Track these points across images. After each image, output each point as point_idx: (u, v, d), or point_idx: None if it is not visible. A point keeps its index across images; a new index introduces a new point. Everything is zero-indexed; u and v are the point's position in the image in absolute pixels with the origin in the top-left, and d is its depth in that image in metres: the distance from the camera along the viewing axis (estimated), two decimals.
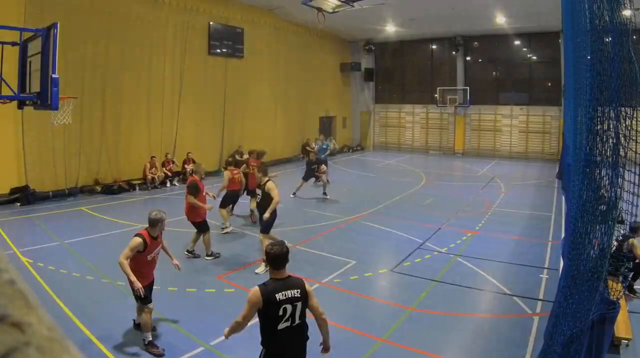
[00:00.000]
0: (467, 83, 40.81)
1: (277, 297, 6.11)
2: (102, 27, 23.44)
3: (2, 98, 9.87)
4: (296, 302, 6.24)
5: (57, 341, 0.61)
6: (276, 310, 6.10)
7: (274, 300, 6.08)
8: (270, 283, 6.29)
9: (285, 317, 6.16)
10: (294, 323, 6.25)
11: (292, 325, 6.24)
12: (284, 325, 6.17)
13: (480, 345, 9.00)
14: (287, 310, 6.16)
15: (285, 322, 6.18)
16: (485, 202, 21.77)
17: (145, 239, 8.66)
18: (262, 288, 6.16)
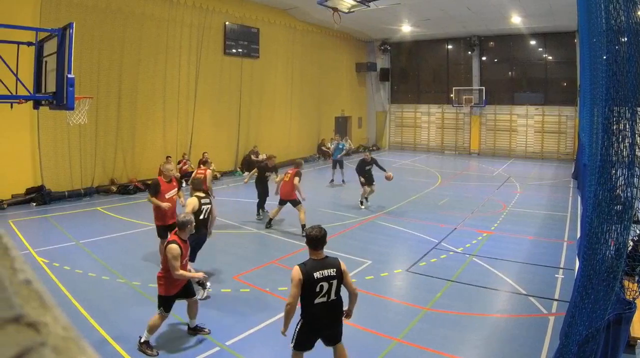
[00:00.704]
0: (482, 83, 40.74)
1: (315, 275, 6.88)
2: (118, 27, 23.54)
3: (18, 98, 9.92)
4: (332, 280, 6.98)
5: (73, 341, 0.61)
6: (313, 287, 6.85)
7: (312, 278, 6.84)
8: (309, 262, 7.08)
9: (321, 293, 6.91)
10: (329, 299, 6.99)
11: (328, 301, 6.99)
12: (320, 300, 6.91)
13: (496, 345, 8.98)
14: (324, 287, 6.92)
15: (321, 298, 6.92)
16: (501, 202, 21.73)
17: (179, 244, 8.64)
18: (302, 267, 6.97)
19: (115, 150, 24.00)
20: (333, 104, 41.35)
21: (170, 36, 26.38)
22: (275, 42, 33.54)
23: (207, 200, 11.71)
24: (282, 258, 13.83)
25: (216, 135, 29.30)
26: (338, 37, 40.17)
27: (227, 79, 30.03)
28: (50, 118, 20.67)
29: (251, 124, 32.02)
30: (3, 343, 0.55)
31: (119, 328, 9.39)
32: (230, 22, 29.90)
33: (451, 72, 43.12)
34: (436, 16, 33.10)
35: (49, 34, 9.89)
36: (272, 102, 33.74)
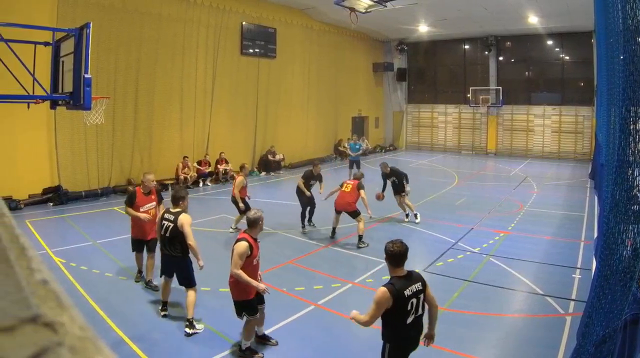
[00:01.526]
0: (499, 83, 40.63)
1: (406, 293, 6.33)
2: (135, 27, 23.62)
3: (35, 98, 9.95)
4: (419, 294, 6.51)
5: (90, 341, 0.62)
6: (405, 306, 6.30)
7: (403, 297, 6.29)
8: (396, 281, 6.48)
9: (412, 311, 6.38)
10: (417, 314, 6.50)
11: (417, 317, 6.49)
12: (411, 318, 6.39)
13: (513, 345, 9.00)
14: (414, 304, 6.40)
15: (412, 315, 6.40)
16: (518, 202, 21.69)
17: (249, 242, 8.39)
18: (391, 288, 6.31)
19: (132, 150, 24.05)
20: (350, 104, 41.28)
21: (187, 36, 26.42)
22: (292, 42, 33.56)
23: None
24: (298, 258, 13.87)
25: (233, 135, 29.35)
26: (355, 37, 40.10)
27: (244, 79, 30.04)
28: (67, 118, 20.72)
29: (268, 123, 32.05)
30: (20, 343, 0.56)
31: (136, 328, 9.43)
32: (247, 22, 29.92)
33: (468, 72, 43.01)
34: (453, 16, 33.04)
35: (65, 34, 9.93)
36: (289, 102, 33.75)
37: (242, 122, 30.13)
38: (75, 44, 9.03)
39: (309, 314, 10.16)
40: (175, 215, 9.58)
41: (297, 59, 34.47)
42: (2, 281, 0.66)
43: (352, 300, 11.05)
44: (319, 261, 13.66)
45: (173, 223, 9.51)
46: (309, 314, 10.17)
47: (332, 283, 11.86)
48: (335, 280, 12.06)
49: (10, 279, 0.67)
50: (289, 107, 33.87)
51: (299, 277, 12.22)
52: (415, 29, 38.58)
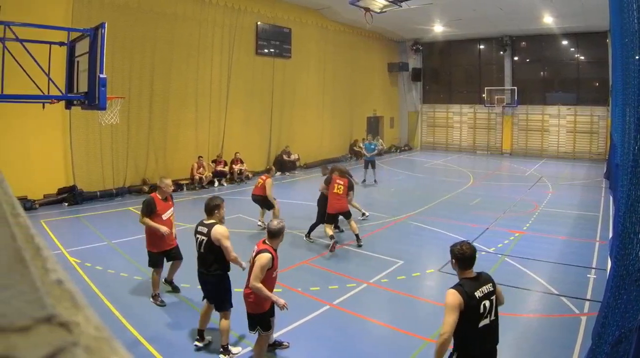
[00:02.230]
0: (514, 83, 40.54)
1: (477, 294, 6.02)
2: (150, 27, 23.66)
3: (50, 98, 10.02)
4: (491, 296, 6.18)
5: (105, 341, 0.61)
6: (477, 308, 5.98)
7: (474, 298, 5.99)
8: (465, 282, 6.18)
9: (484, 313, 6.04)
10: (491, 318, 6.15)
11: (490, 322, 6.14)
12: (484, 322, 6.05)
13: (528, 345, 8.99)
14: (487, 306, 6.06)
15: (485, 319, 6.05)
16: (533, 202, 21.64)
17: (272, 254, 7.84)
18: (460, 289, 6.04)
19: (147, 150, 24.09)
20: (365, 104, 41.25)
21: (202, 36, 26.46)
22: (307, 42, 33.57)
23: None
24: (313, 258, 13.89)
25: (248, 135, 29.38)
26: (370, 37, 40.07)
27: (259, 79, 30.07)
28: (82, 118, 20.77)
29: (283, 124, 32.08)
30: (35, 343, 0.56)
31: (152, 328, 9.46)
32: (262, 22, 29.95)
33: (483, 72, 42.95)
34: (468, 16, 32.98)
35: (80, 34, 10.02)
36: (304, 102, 33.76)
37: (257, 122, 30.17)
38: (90, 44, 9.09)
39: (324, 314, 10.15)
40: (209, 227, 8.57)
41: (312, 59, 34.48)
42: (17, 281, 0.67)
43: (367, 300, 11.08)
44: (334, 261, 13.68)
45: (207, 236, 8.52)
46: (324, 314, 10.17)
47: (347, 283, 11.86)
48: (350, 280, 12.06)
49: (26, 279, 0.68)
50: (304, 107, 33.89)
51: (314, 277, 12.24)
52: (431, 29, 38.56)
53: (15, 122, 18.62)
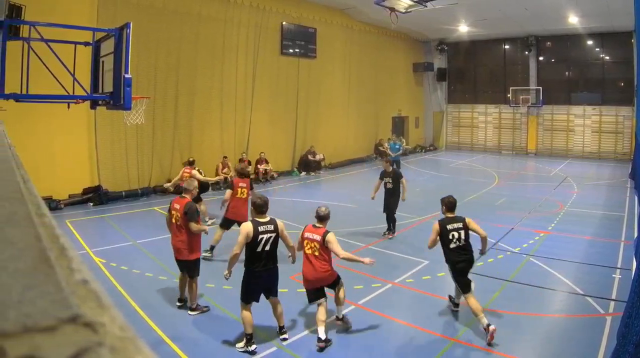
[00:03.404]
0: (539, 83, 40.42)
1: (448, 227, 10.00)
2: (175, 27, 23.73)
3: (75, 98, 10.09)
4: (460, 230, 10.01)
5: (130, 341, 0.62)
6: (447, 235, 9.92)
7: (446, 229, 9.98)
8: (445, 219, 10.29)
9: (453, 240, 9.89)
10: (460, 244, 9.94)
11: (459, 245, 9.91)
12: (453, 245, 9.88)
13: (553, 345, 9.00)
14: (455, 236, 9.91)
15: (453, 244, 9.90)
16: (558, 202, 21.59)
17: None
18: (440, 222, 10.14)
19: (172, 150, 24.14)
20: (390, 104, 41.18)
21: (227, 36, 26.53)
22: (332, 42, 33.56)
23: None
24: (338, 258, 13.84)
25: (273, 135, 29.41)
26: (395, 37, 40.00)
27: (284, 78, 30.12)
28: (107, 118, 20.84)
29: (308, 123, 32.09)
30: (60, 343, 0.56)
31: (176, 328, 9.50)
32: (287, 22, 30.01)
33: (508, 72, 42.83)
34: (493, 16, 32.90)
35: (106, 34, 10.06)
36: (329, 102, 33.74)
37: (282, 122, 30.18)
38: (115, 44, 9.12)
39: (349, 314, 10.12)
40: (274, 224, 8.91)
41: (337, 59, 34.46)
42: (42, 281, 0.69)
43: (392, 300, 11.11)
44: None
45: (275, 232, 8.84)
46: (349, 314, 10.14)
47: (373, 283, 11.87)
48: (376, 280, 12.06)
49: (51, 279, 0.70)
50: (329, 107, 33.85)
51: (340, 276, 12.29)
52: (456, 29, 38.49)
53: (40, 122, 18.67)
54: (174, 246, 10.42)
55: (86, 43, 10.75)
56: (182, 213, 10.18)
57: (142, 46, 21.70)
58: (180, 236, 10.27)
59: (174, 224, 10.29)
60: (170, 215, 10.51)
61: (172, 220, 10.42)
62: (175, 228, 10.29)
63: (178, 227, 10.22)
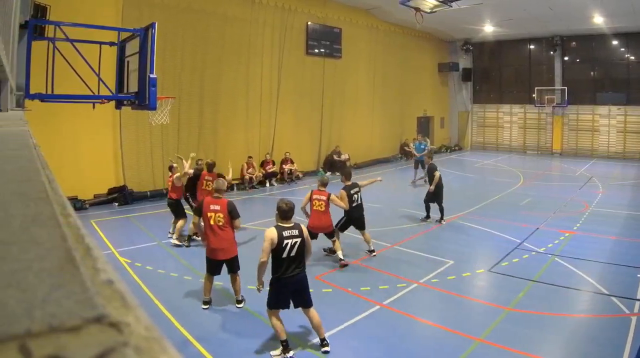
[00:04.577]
0: (564, 83, 40.24)
1: (351, 192, 12.93)
2: (200, 27, 23.84)
3: (100, 98, 10.07)
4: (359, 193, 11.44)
5: (155, 341, 0.61)
6: (351, 197, 12.18)
7: (350, 193, 11.61)
8: (347, 186, 13.42)
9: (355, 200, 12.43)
10: (358, 203, 12.92)
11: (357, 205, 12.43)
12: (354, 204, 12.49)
13: (578, 345, 8.99)
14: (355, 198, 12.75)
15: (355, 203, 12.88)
16: (583, 202, 21.49)
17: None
18: (346, 188, 13.03)
19: (197, 150, 23.52)
20: (415, 104, 41.19)
21: (253, 36, 26.61)
22: (357, 42, 33.55)
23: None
24: (364, 258, 13.90)
25: (298, 135, 29.49)
26: (420, 37, 39.93)
27: (309, 79, 30.18)
28: (132, 118, 20.94)
29: (333, 123, 32.13)
30: (86, 343, 0.56)
31: (202, 328, 9.52)
32: (312, 22, 30.09)
33: (533, 72, 42.66)
34: (518, 16, 32.83)
35: (131, 34, 10.05)
36: (354, 102, 33.75)
37: (307, 122, 30.25)
38: (141, 44, 9.11)
39: (374, 314, 10.16)
40: (298, 228, 8.71)
41: (362, 59, 34.43)
42: (67, 281, 0.70)
43: (417, 300, 11.11)
44: (385, 261, 13.66)
45: (301, 237, 8.64)
46: (375, 314, 10.17)
47: (398, 283, 11.86)
48: (401, 280, 12.06)
49: (76, 279, 0.70)
50: (355, 107, 33.86)
51: (364, 277, 12.25)
52: (481, 29, 38.44)
53: (65, 122, 18.79)
54: (218, 248, 10.33)
55: (111, 43, 10.78)
56: (227, 212, 10.26)
57: (168, 46, 21.85)
58: (226, 235, 10.37)
59: (214, 226, 10.24)
60: (207, 218, 10.30)
61: (210, 222, 10.26)
62: (217, 229, 10.24)
63: (220, 227, 10.23)
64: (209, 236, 10.42)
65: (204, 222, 10.44)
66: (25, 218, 0.99)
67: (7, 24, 5.96)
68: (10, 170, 1.60)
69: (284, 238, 8.47)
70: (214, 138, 25.10)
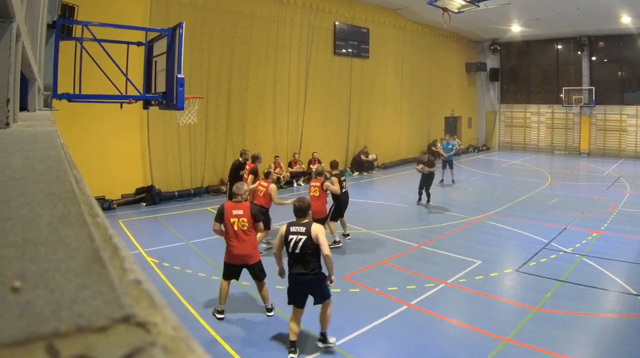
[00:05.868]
0: (592, 83, 40.06)
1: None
2: (228, 27, 23.90)
3: (128, 98, 10.13)
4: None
5: (183, 341, 0.62)
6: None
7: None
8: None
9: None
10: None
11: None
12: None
13: (605, 345, 8.95)
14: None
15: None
16: (611, 202, 21.40)
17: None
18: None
19: (225, 150, 24.25)
20: (443, 104, 41.10)
21: (280, 36, 26.69)
22: (385, 42, 33.56)
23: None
24: (391, 258, 13.89)
25: (326, 135, 29.52)
26: (448, 37, 39.96)
27: (337, 78, 30.24)
28: (160, 118, 21.08)
29: (361, 123, 32.12)
30: (113, 343, 0.58)
31: (229, 328, 9.55)
32: (340, 22, 30.13)
33: (561, 72, 42.47)
34: (546, 16, 32.73)
35: (158, 34, 10.10)
36: (381, 102, 33.74)
37: (334, 122, 30.25)
38: (168, 44, 9.16)
39: (401, 314, 10.16)
40: (306, 226, 8.66)
41: (390, 58, 34.43)
42: (95, 281, 0.71)
43: (445, 300, 11.12)
44: (412, 261, 13.68)
45: (306, 235, 8.56)
46: (402, 314, 10.18)
47: (425, 283, 11.85)
48: (428, 280, 12.06)
49: (104, 279, 0.72)
50: (382, 106, 33.85)
51: (392, 277, 12.26)
52: (508, 29, 38.37)
53: (93, 122, 18.90)
54: (241, 254, 10.05)
55: (139, 43, 10.80)
56: (250, 216, 10.04)
57: (195, 46, 21.99)
58: (250, 240, 10.14)
59: (238, 231, 10.02)
60: (230, 223, 10.01)
61: (234, 228, 9.99)
62: (241, 234, 10.00)
63: (244, 232, 10.03)
64: (232, 242, 10.06)
65: (226, 228, 10.08)
66: (53, 219, 1.02)
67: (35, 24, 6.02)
68: (39, 170, 1.64)
69: (289, 234, 8.64)
70: (242, 138, 25.12)
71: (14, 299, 0.66)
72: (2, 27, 3.12)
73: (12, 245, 0.86)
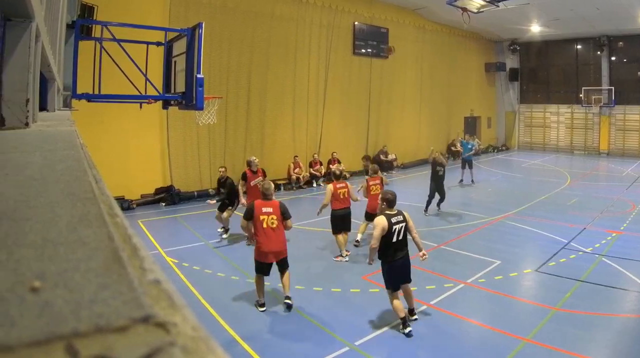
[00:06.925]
0: (611, 83, 39.87)
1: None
2: (247, 27, 23.93)
3: (148, 98, 10.20)
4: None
5: (202, 341, 0.62)
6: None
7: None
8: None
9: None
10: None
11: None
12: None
13: (625, 345, 8.94)
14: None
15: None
16: (630, 202, 21.33)
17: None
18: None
19: (244, 150, 24.21)
20: (462, 104, 41.07)
21: (300, 36, 26.76)
22: (404, 42, 33.48)
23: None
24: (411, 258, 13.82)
25: (345, 135, 29.53)
26: (467, 37, 39.89)
27: (356, 78, 30.23)
28: (179, 118, 21.16)
29: (380, 123, 32.13)
30: (133, 344, 0.58)
31: (248, 328, 9.53)
32: (359, 22, 30.12)
33: (580, 72, 42.27)
34: (565, 16, 32.63)
35: (178, 34, 10.17)
36: (401, 102, 33.75)
37: (354, 122, 30.29)
38: (188, 44, 9.21)
39: (421, 314, 10.16)
40: (403, 215, 9.75)
41: (409, 58, 34.41)
42: (115, 281, 0.72)
43: (464, 300, 11.11)
44: (431, 261, 13.48)
45: (405, 221, 9.71)
46: (421, 314, 10.18)
47: (445, 283, 11.87)
48: (448, 280, 12.08)
49: (123, 279, 0.72)
50: (402, 107, 33.86)
51: (411, 276, 12.28)
52: (528, 29, 38.26)
53: (113, 122, 18.93)
54: (273, 251, 10.29)
55: (158, 43, 10.87)
56: (280, 213, 10.35)
57: (215, 46, 22.08)
58: (281, 236, 10.44)
59: (267, 229, 10.22)
60: (259, 221, 10.23)
61: (263, 225, 10.25)
62: (271, 231, 10.27)
63: (274, 229, 10.28)
64: (261, 240, 10.28)
65: (255, 226, 10.29)
66: (73, 218, 1.03)
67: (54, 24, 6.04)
68: (58, 169, 1.65)
69: (392, 225, 9.42)
70: (261, 138, 25.22)
71: (34, 299, 0.66)
72: (21, 27, 3.14)
73: (31, 245, 0.87)
